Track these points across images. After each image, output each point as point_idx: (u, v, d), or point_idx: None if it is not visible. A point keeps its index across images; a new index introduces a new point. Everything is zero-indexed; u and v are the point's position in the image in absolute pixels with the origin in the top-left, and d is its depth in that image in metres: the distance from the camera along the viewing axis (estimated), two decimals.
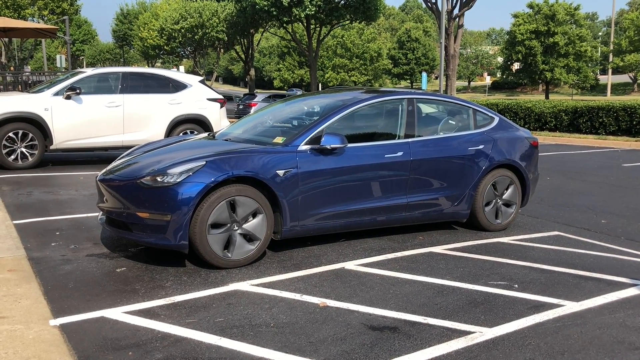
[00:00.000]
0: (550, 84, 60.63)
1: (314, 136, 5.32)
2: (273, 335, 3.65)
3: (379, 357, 3.39)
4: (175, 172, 4.70)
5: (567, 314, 4.12)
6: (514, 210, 6.54)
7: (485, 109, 6.74)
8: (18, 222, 6.17)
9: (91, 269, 4.79)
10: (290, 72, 67.82)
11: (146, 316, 3.86)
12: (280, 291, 4.40)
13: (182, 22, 48.52)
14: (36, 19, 39.95)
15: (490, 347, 3.57)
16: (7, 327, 3.61)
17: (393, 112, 6.05)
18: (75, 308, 3.95)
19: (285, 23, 39.14)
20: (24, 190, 8.07)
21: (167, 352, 3.37)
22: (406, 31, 76.20)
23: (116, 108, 10.40)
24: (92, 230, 5.97)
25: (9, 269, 4.69)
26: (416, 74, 73.58)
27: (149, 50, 54.92)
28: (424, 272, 4.96)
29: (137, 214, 4.75)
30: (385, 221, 5.78)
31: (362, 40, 65.18)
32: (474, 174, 6.16)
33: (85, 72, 10.65)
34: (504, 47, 64.44)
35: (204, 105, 11.22)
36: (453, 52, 32.10)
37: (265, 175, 4.92)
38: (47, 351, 3.31)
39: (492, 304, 4.28)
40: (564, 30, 58.09)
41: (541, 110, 21.06)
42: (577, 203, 8.24)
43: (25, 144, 9.85)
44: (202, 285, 4.47)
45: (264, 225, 4.96)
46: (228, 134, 6.18)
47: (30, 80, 17.62)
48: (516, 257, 5.46)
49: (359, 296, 4.35)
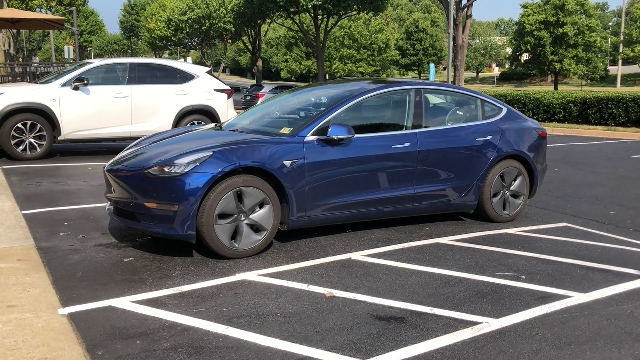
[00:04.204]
0: (559, 75, 60.16)
1: (321, 127, 5.31)
2: (280, 324, 3.66)
3: (385, 347, 3.40)
4: (183, 163, 4.71)
5: (575, 305, 4.11)
6: (521, 201, 6.52)
7: (493, 99, 6.70)
8: (27, 212, 6.21)
9: (99, 258, 4.82)
10: (297, 63, 67.65)
11: (154, 305, 3.88)
12: (287, 281, 4.41)
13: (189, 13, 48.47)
14: (44, 10, 40.00)
15: (497, 338, 3.57)
16: (16, 315, 3.64)
17: (400, 103, 6.03)
18: (83, 297, 3.98)
19: (292, 13, 39.00)
20: (32, 180, 8.11)
21: (175, 341, 3.39)
22: (414, 22, 75.69)
23: (124, 99, 10.42)
24: (100, 221, 6.00)
25: (18, 258, 4.73)
26: (424, 65, 73.16)
27: (157, 41, 54.95)
28: (431, 262, 4.96)
29: (144, 204, 4.77)
30: (392, 212, 5.77)
31: (370, 31, 64.84)
32: (481, 164, 6.13)
33: (93, 62, 10.66)
34: (512, 38, 63.97)
35: (211, 96, 11.22)
36: (461, 42, 31.88)
37: (272, 165, 4.92)
38: (56, 339, 3.34)
39: (499, 294, 4.28)
40: (574, 20, 57.56)
41: (550, 101, 20.92)
42: (585, 194, 8.20)
43: (34, 135, 9.89)
44: (209, 275, 4.49)
45: (271, 215, 4.97)
46: (235, 124, 6.18)
47: (38, 71, 17.69)
48: (523, 248, 5.45)
49: (365, 286, 4.35)
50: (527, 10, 59.71)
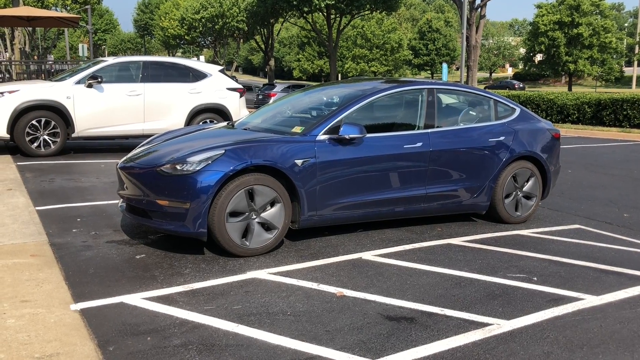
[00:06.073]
0: (574, 76, 59.70)
1: (333, 126, 5.31)
2: (290, 323, 3.66)
3: (395, 347, 3.39)
4: (195, 161, 4.73)
5: (587, 308, 4.08)
6: (534, 202, 6.47)
7: (507, 99, 6.66)
8: (40, 209, 6.27)
9: (111, 255, 4.86)
10: (309, 62, 67.66)
11: (165, 302, 3.90)
12: (298, 280, 4.41)
13: (202, 12, 48.66)
14: (59, 8, 40.33)
15: (507, 340, 3.55)
16: (29, 310, 3.68)
17: (413, 103, 6.01)
18: (95, 293, 4.01)
19: (305, 13, 39.02)
20: (46, 177, 8.19)
21: (185, 338, 3.41)
22: (427, 21, 75.40)
23: (137, 97, 10.48)
24: (112, 217, 6.04)
25: (31, 254, 4.77)
26: (437, 65, 72.85)
27: (170, 40, 55.24)
28: (442, 263, 4.94)
29: (156, 201, 4.80)
30: (403, 212, 5.76)
31: (383, 31, 64.71)
32: (494, 165, 6.10)
33: (107, 60, 10.74)
34: (526, 38, 63.53)
35: (223, 95, 11.26)
36: (475, 42, 31.72)
37: (284, 164, 4.92)
38: (68, 335, 3.37)
39: (511, 296, 4.25)
40: (589, 21, 57.04)
41: (563, 102, 20.75)
42: (598, 196, 8.12)
43: (48, 132, 9.98)
44: (220, 273, 4.51)
45: (282, 214, 4.98)
46: (247, 123, 6.19)
47: (53, 69, 17.84)
48: (535, 250, 5.41)
49: (376, 286, 4.34)
50: (541, 11, 59.29)
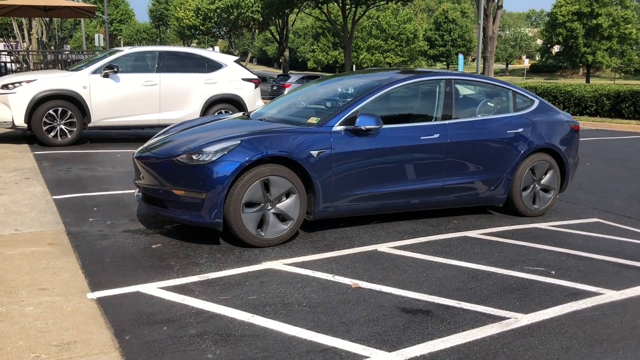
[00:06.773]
0: (592, 68, 58.89)
1: (349, 117, 5.26)
2: (305, 314, 3.65)
3: (411, 340, 3.36)
4: (211, 151, 4.72)
5: (607, 303, 4.02)
6: (552, 195, 6.39)
7: (525, 91, 6.56)
8: (57, 198, 6.31)
9: (127, 244, 4.88)
10: (324, 53, 67.41)
11: (181, 292, 3.91)
12: (313, 271, 4.40)
13: (217, 2, 48.62)
14: None
15: (525, 334, 3.50)
16: (47, 298, 3.71)
17: (430, 94, 5.95)
18: (111, 282, 4.03)
19: (320, 3, 38.86)
20: (63, 166, 8.25)
21: (201, 328, 3.41)
22: (443, 12, 74.73)
23: (153, 87, 10.51)
24: (128, 207, 6.07)
25: (49, 242, 4.81)
26: (452, 56, 72.30)
27: (185, 30, 55.32)
28: (459, 256, 4.89)
29: (172, 191, 4.80)
30: (419, 204, 5.71)
31: (398, 21, 64.27)
32: (511, 157, 6.03)
33: (123, 50, 10.77)
34: (544, 29, 62.77)
35: (238, 85, 11.25)
36: (491, 33, 31.38)
37: (299, 155, 4.90)
38: (85, 323, 3.39)
39: (528, 290, 4.20)
40: (608, 11, 56.19)
41: (581, 94, 20.47)
42: (618, 190, 8.01)
43: (65, 122, 10.04)
44: (235, 263, 4.51)
45: (297, 205, 4.96)
46: (262, 113, 6.17)
47: (69, 59, 17.94)
48: (554, 244, 5.34)
49: (391, 278, 4.32)
50: (559, 1, 58.48)
